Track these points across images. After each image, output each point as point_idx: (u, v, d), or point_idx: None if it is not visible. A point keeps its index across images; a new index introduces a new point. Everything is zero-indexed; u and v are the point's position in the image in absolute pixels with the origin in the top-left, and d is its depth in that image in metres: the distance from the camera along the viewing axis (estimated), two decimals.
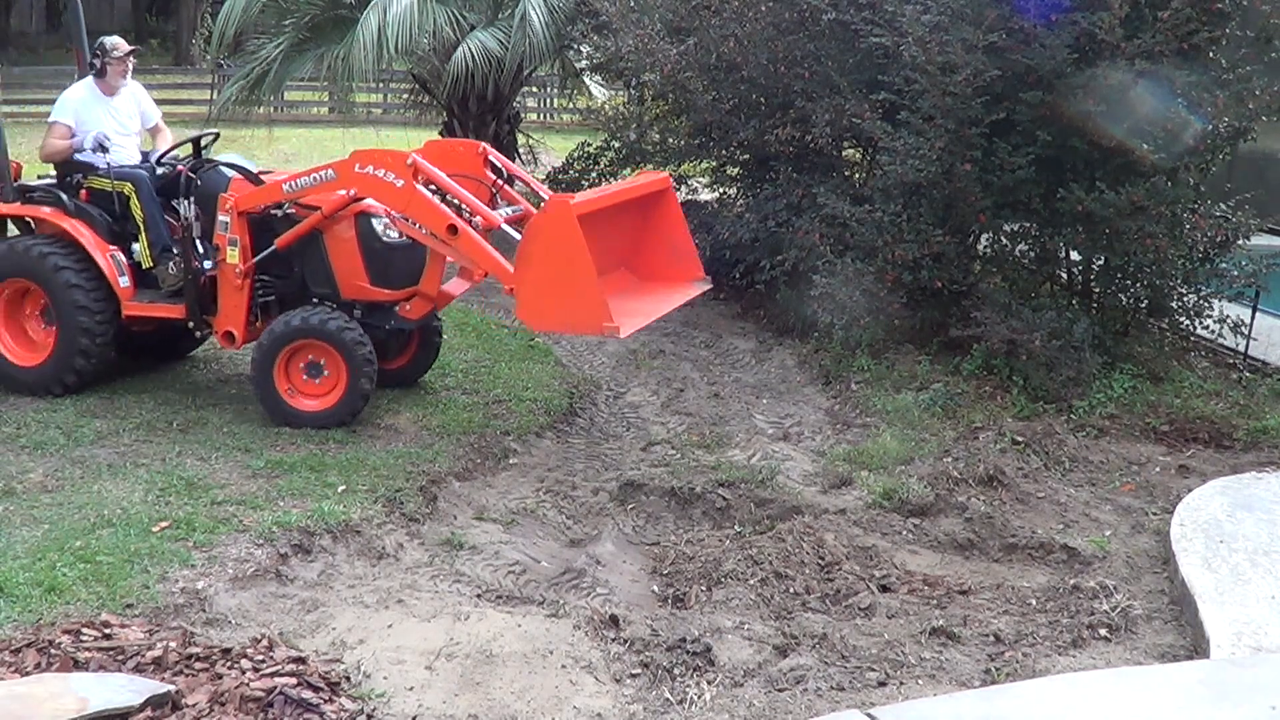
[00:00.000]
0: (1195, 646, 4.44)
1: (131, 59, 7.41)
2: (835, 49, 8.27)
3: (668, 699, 4.07)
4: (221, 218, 6.58)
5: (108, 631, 4.12)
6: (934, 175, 7.14)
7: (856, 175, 9.31)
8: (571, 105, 15.44)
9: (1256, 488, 5.76)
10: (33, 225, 7.09)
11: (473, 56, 10.47)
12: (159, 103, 7.46)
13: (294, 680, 3.88)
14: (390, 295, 6.70)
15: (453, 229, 6.01)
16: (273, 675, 3.90)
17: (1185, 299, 7.62)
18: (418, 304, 6.77)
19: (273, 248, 6.59)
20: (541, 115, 23.48)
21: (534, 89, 22.45)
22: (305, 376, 6.51)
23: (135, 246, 6.90)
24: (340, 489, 5.62)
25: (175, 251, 6.77)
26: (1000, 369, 7.29)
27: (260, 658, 4.03)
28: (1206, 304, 7.56)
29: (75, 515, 5.15)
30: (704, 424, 7.07)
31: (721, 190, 10.39)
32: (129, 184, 6.90)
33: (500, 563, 5.12)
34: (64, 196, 6.92)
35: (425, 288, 6.71)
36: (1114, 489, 6.11)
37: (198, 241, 6.69)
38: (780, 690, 4.14)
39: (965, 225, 7.60)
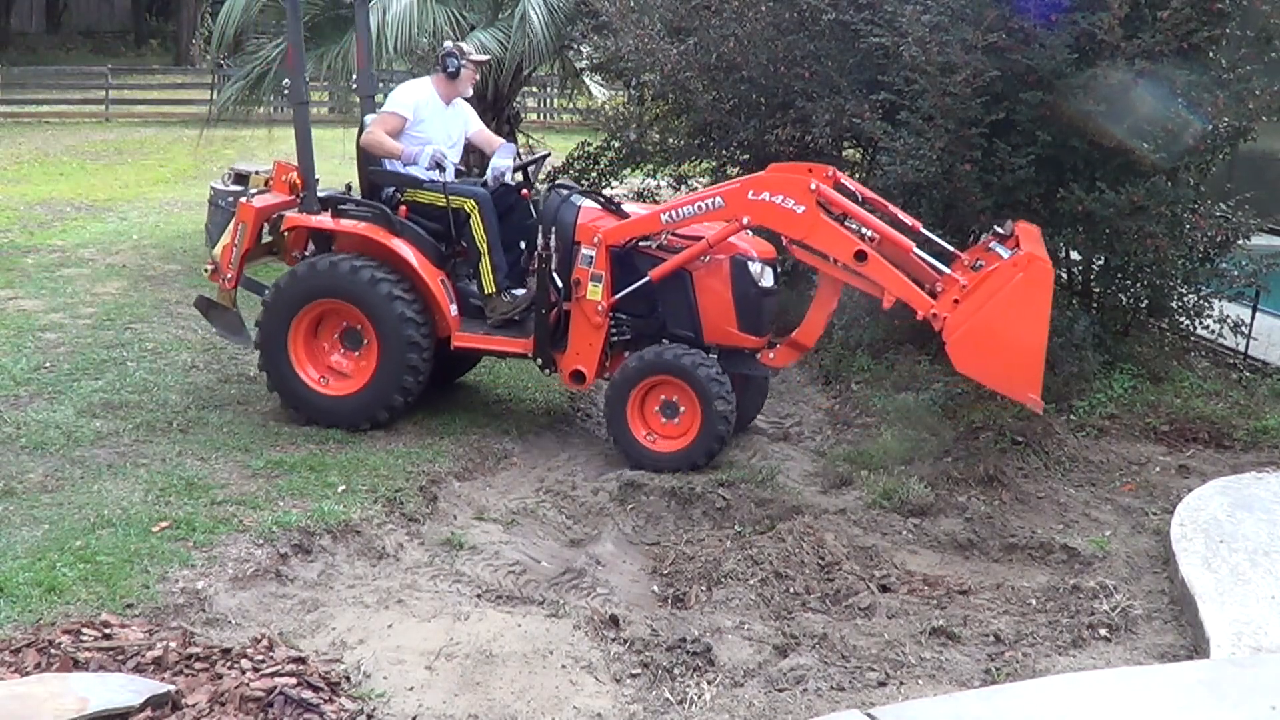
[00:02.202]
0: (1195, 646, 4.43)
1: (479, 70, 7.03)
2: (835, 49, 8.26)
3: (668, 699, 4.07)
4: (586, 251, 6.28)
5: (108, 631, 4.12)
6: (934, 175, 7.13)
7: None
8: (571, 105, 15.43)
9: (1256, 488, 5.76)
10: (332, 241, 6.64)
11: None
12: (157, 103, 7.41)
13: (294, 680, 3.88)
14: (755, 342, 6.41)
15: (860, 255, 5.82)
16: (273, 675, 3.90)
17: (1185, 299, 7.61)
18: (785, 352, 6.50)
19: (645, 280, 6.26)
20: (541, 115, 23.49)
21: (534, 89, 22.46)
22: (660, 416, 6.23)
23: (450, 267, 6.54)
24: (340, 489, 5.62)
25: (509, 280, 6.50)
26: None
27: (260, 658, 4.03)
28: (1206, 304, 7.56)
29: (75, 515, 5.15)
30: None
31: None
32: (471, 202, 6.47)
33: (500, 563, 5.12)
34: (389, 212, 6.50)
35: (801, 337, 6.45)
36: (1114, 489, 6.11)
37: (555, 275, 6.33)
38: (780, 690, 4.14)
39: (965, 225, 7.59)
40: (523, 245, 6.72)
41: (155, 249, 11.76)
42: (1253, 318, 7.84)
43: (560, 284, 6.38)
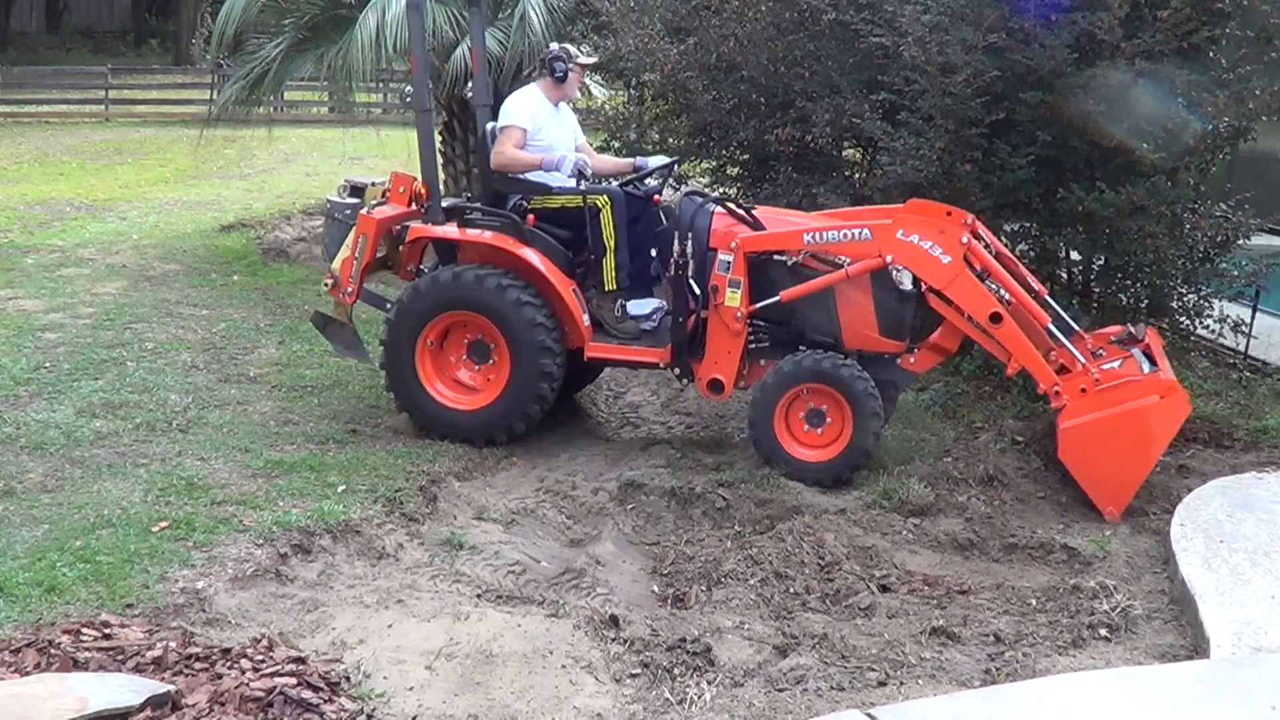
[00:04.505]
0: (1195, 646, 4.44)
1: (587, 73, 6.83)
2: (835, 49, 8.26)
3: (668, 699, 4.07)
4: (723, 257, 6.18)
5: (108, 631, 4.12)
6: (934, 175, 7.13)
7: (856, 175, 9.29)
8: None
9: (1256, 488, 5.76)
10: (452, 252, 6.54)
11: None
12: (157, 102, 7.38)
13: (294, 680, 3.88)
14: (896, 347, 6.26)
15: (996, 317, 5.83)
16: (273, 675, 3.90)
17: (1185, 299, 7.61)
18: (926, 356, 6.37)
19: (777, 298, 6.19)
20: None
21: None
22: (805, 425, 6.12)
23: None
24: (340, 489, 5.62)
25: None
26: (1000, 369, 7.28)
27: (260, 658, 4.03)
28: (1206, 304, 7.56)
29: (75, 515, 5.15)
30: (704, 424, 7.07)
31: (721, 190, 10.38)
32: (604, 197, 6.38)
33: (500, 563, 5.12)
34: (518, 221, 6.38)
35: (942, 340, 6.34)
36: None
37: (692, 282, 6.24)
38: (780, 690, 4.14)
39: None
40: (652, 253, 6.59)
41: (155, 249, 11.77)
42: (1253, 318, 7.84)
43: (697, 291, 6.29)
